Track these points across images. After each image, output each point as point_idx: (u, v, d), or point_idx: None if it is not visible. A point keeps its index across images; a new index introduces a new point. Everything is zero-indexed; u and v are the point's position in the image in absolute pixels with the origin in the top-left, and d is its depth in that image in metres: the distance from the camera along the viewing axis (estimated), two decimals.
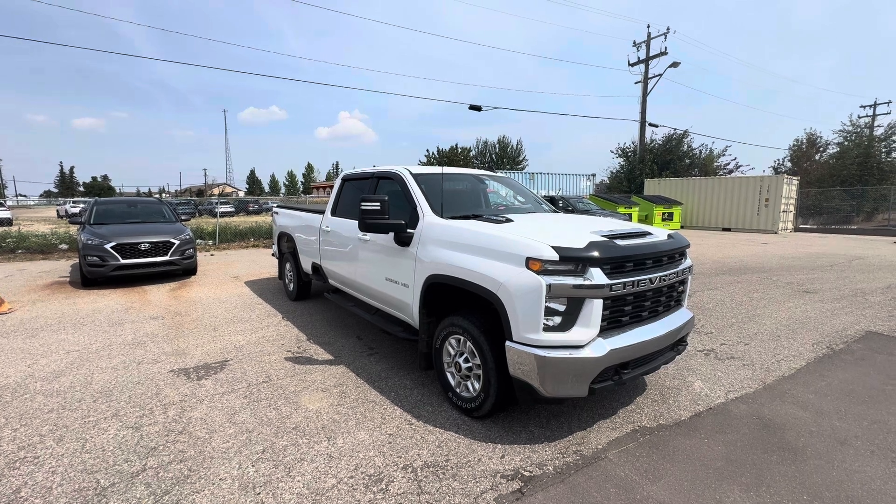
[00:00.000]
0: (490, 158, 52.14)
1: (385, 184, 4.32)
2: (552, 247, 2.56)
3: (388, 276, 3.88)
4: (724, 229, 20.17)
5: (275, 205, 8.70)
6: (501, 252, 2.76)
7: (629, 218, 18.01)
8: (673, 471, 2.49)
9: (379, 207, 3.47)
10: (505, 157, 51.94)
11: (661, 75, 25.24)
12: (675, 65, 24.23)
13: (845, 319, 5.55)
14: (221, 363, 4.15)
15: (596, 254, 2.56)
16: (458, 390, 3.15)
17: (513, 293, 2.60)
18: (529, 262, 2.57)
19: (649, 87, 25.74)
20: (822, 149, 31.76)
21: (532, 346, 2.55)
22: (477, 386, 2.99)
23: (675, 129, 27.83)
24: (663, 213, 19.98)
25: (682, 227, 21.11)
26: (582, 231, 2.87)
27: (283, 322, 5.49)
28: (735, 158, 29.55)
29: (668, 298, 3.07)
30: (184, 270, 8.36)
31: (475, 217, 3.48)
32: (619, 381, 2.69)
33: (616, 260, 2.63)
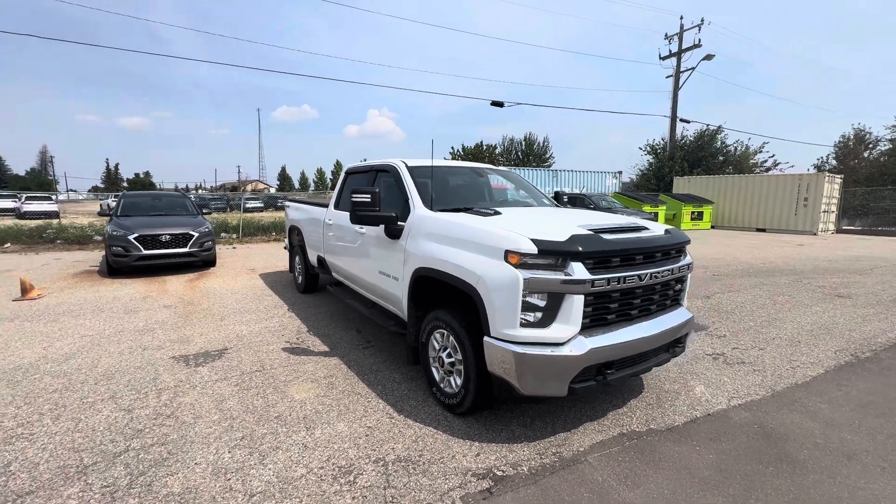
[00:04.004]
0: (516, 156, 51.53)
1: (383, 176, 4.29)
2: (531, 239, 2.46)
3: (380, 269, 3.86)
4: (759, 230, 19.20)
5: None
6: (482, 245, 2.68)
7: (655, 217, 17.42)
8: (654, 478, 2.36)
9: (369, 199, 3.45)
10: (531, 154, 51.21)
11: (693, 69, 24.23)
12: (708, 57, 23.19)
13: (877, 326, 5.15)
14: (221, 351, 4.24)
15: (577, 248, 2.45)
16: (441, 385, 3.10)
17: (490, 287, 2.52)
18: (508, 256, 2.49)
19: (681, 81, 24.77)
20: (871, 145, 29.74)
21: (509, 343, 2.47)
22: (459, 382, 2.93)
23: (707, 125, 26.68)
24: (692, 213, 19.23)
25: (712, 226, 20.25)
26: (568, 224, 2.75)
27: (287, 314, 5.58)
28: (773, 156, 28.01)
29: (661, 297, 2.91)
30: (203, 262, 8.63)
31: (466, 210, 3.40)
32: (602, 381, 2.57)
33: (600, 254, 2.50)
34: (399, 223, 3.55)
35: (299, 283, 6.74)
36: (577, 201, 15.93)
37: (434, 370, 3.18)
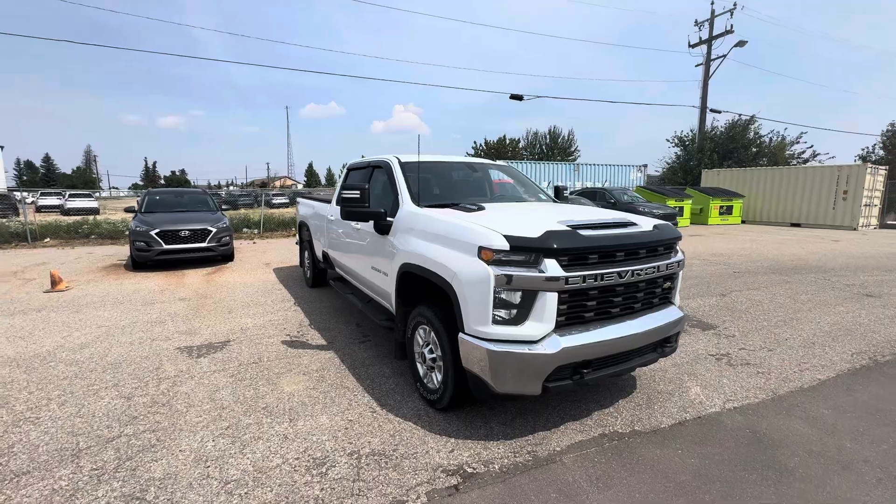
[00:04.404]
0: (540, 149, 50.78)
1: (378, 172, 4.32)
2: (504, 235, 2.43)
3: (372, 264, 3.89)
4: (793, 225, 18.27)
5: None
6: (458, 241, 2.66)
7: (680, 211, 16.85)
8: (628, 481, 2.30)
9: (359, 195, 3.48)
10: (555, 148, 50.34)
11: (725, 56, 23.18)
12: (741, 44, 22.10)
13: None
14: (223, 343, 4.39)
15: (551, 244, 2.39)
16: (424, 381, 3.11)
17: (464, 283, 2.51)
18: (481, 252, 2.46)
19: (712, 69, 23.72)
20: None
21: (482, 340, 2.45)
22: (439, 377, 2.93)
23: (739, 115, 25.47)
24: (721, 207, 18.48)
25: (743, 221, 19.41)
26: (548, 220, 2.69)
27: (293, 307, 5.71)
28: (811, 146, 26.40)
29: (647, 294, 2.81)
30: (222, 256, 8.93)
31: (452, 206, 3.38)
32: (579, 381, 2.51)
33: (575, 251, 2.44)
34: (388, 219, 3.57)
35: (307, 278, 6.88)
36: (598, 196, 15.60)
37: (419, 365, 3.19)
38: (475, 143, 48.84)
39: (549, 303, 2.38)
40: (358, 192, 3.47)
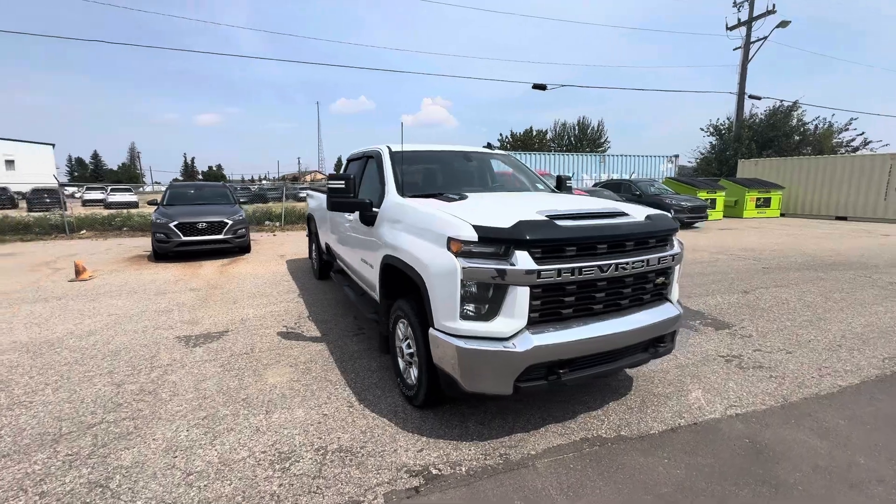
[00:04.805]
0: (568, 141, 49.59)
1: (371, 162, 4.23)
2: (473, 225, 2.29)
3: (362, 256, 3.82)
4: (838, 218, 17.04)
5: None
6: (430, 231, 2.54)
7: (712, 204, 16.02)
8: (602, 491, 2.13)
9: (344, 186, 3.40)
10: (584, 139, 49.04)
11: (765, 38, 21.74)
12: (783, 24, 20.65)
13: None
14: (221, 333, 4.45)
15: (522, 235, 2.23)
16: (404, 376, 3.02)
17: (433, 275, 2.39)
18: (450, 243, 2.33)
19: (751, 53, 22.33)
20: None
21: (451, 335, 2.32)
22: (416, 373, 2.83)
23: (781, 101, 23.88)
24: (757, 199, 17.46)
25: (782, 214, 18.28)
26: (528, 209, 2.52)
27: (296, 299, 5.74)
28: (862, 133, 24.42)
29: (636, 290, 2.60)
30: (238, 248, 9.13)
31: (436, 196, 3.25)
32: (555, 382, 2.35)
33: (549, 242, 2.27)
34: (374, 210, 3.48)
35: (315, 270, 6.92)
36: (622, 188, 15.05)
37: (399, 360, 3.10)
38: (501, 135, 48.07)
39: (520, 298, 2.23)
40: (343, 182, 3.39)
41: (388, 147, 3.97)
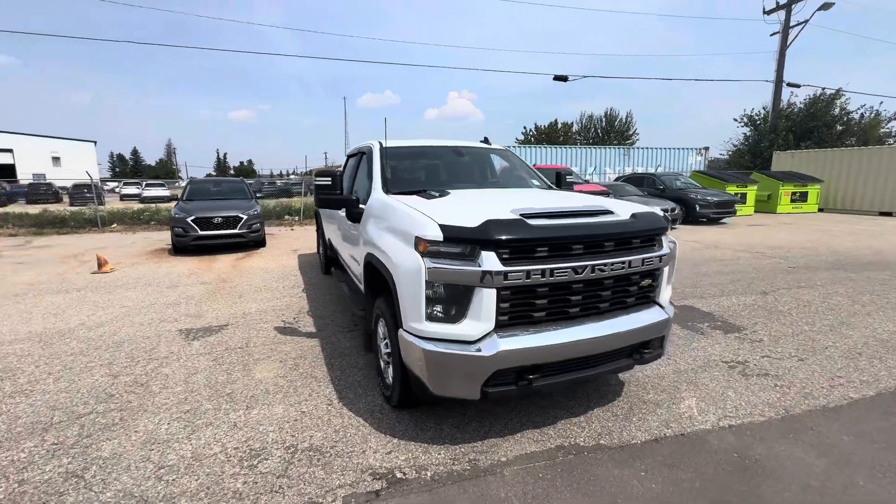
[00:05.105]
0: (595, 133, 48.40)
1: (364, 158, 4.20)
2: (440, 225, 2.21)
3: (351, 252, 3.82)
4: (882, 214, 15.92)
5: None
6: (402, 230, 2.48)
7: (742, 198, 15.28)
8: (567, 503, 2.04)
9: (330, 182, 3.39)
10: (612, 131, 47.73)
11: (806, 22, 20.43)
12: (826, 6, 19.34)
13: None
14: (221, 327, 4.54)
15: (489, 235, 2.14)
16: (384, 376, 2.99)
17: (401, 275, 2.34)
18: (418, 242, 2.26)
19: (790, 37, 21.05)
20: None
21: (418, 337, 2.27)
22: (392, 373, 2.79)
23: (822, 89, 22.42)
24: (793, 193, 16.52)
25: (820, 209, 17.25)
26: (501, 208, 2.42)
27: (300, 293, 5.81)
28: None
29: (617, 293, 2.47)
30: (254, 242, 9.34)
31: (419, 192, 3.18)
32: (525, 387, 2.26)
33: (518, 243, 2.17)
34: (361, 206, 3.45)
35: (322, 264, 6.99)
36: (645, 182, 14.56)
37: (380, 359, 3.07)
38: (525, 128, 47.36)
39: (486, 300, 2.15)
40: (329, 178, 3.38)
41: (380, 143, 3.93)
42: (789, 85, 21.36)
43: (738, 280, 6.28)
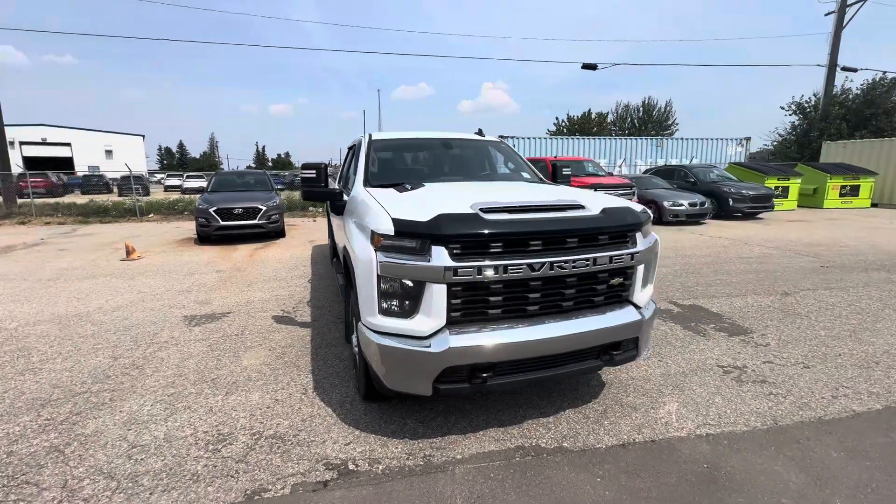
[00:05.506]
0: (630, 123, 46.64)
1: (355, 151, 4.22)
2: (393, 219, 2.19)
3: (339, 244, 3.85)
4: None
5: None
6: (363, 224, 2.48)
7: (784, 192, 14.34)
8: None
9: (314, 175, 3.42)
10: (649, 121, 45.84)
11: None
12: None
13: None
14: (223, 314, 4.72)
15: (440, 229, 2.10)
16: (357, 367, 3.01)
17: (358, 268, 2.34)
18: (373, 236, 2.25)
19: (846, 17, 19.38)
20: None
21: (372, 331, 2.27)
22: (359, 365, 2.81)
23: (883, 73, 20.53)
24: (842, 187, 15.33)
25: (874, 204, 15.93)
26: (462, 201, 2.36)
27: (305, 284, 5.95)
28: None
29: (583, 292, 2.36)
30: (273, 233, 9.64)
31: (396, 185, 3.16)
32: (479, 385, 2.22)
33: (469, 238, 2.11)
34: (345, 198, 3.47)
35: (330, 256, 7.11)
36: (675, 174, 13.92)
37: (354, 351, 3.10)
38: (557, 118, 46.24)
39: (437, 296, 2.11)
40: (314, 171, 3.41)
41: (370, 135, 3.93)
42: (844, 69, 19.72)
43: (760, 279, 5.91)
